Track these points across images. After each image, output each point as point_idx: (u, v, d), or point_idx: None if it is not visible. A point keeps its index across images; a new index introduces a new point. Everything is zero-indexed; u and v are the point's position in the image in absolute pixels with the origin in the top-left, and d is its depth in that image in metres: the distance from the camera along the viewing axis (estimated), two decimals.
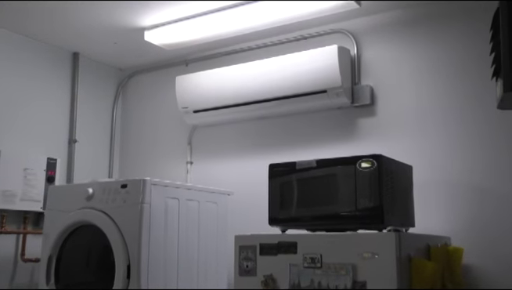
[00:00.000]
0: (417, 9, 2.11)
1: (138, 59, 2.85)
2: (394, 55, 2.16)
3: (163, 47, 2.54)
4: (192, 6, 2.16)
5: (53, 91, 2.65)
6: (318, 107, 2.24)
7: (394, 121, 2.11)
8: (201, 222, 2.10)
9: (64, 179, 2.63)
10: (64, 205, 2.03)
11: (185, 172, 2.65)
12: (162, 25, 2.34)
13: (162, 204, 1.91)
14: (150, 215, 1.84)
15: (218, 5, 2.14)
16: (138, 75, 2.98)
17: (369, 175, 1.53)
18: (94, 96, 2.87)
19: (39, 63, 2.59)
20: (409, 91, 2.10)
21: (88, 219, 1.94)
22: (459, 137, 1.95)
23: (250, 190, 2.31)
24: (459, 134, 1.95)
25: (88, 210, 1.94)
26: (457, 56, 2.01)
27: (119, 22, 2.33)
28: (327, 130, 2.27)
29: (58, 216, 2.02)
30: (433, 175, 1.97)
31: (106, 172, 2.87)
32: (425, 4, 2.09)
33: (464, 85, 1.98)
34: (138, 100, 2.96)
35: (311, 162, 1.68)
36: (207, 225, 2.12)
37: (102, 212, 1.89)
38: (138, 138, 2.91)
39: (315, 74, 2.12)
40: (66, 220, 1.99)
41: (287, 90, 2.19)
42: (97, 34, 2.49)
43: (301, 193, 1.69)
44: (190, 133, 2.69)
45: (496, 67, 1.32)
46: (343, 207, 1.58)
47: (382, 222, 1.50)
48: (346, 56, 2.18)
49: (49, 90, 2.63)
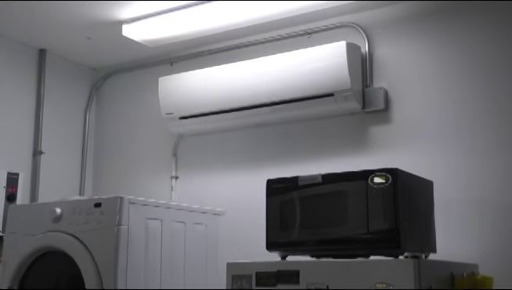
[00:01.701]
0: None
1: (115, 58, 2.87)
2: (412, 52, 2.18)
3: (144, 43, 2.57)
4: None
5: (15, 94, 2.67)
6: (323, 113, 2.26)
7: (412, 129, 2.13)
8: (188, 248, 2.10)
9: (28, 197, 2.64)
10: (27, 228, 2.03)
11: (169, 189, 2.66)
12: (143, 18, 2.37)
13: (142, 226, 1.91)
14: (128, 240, 1.84)
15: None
16: (114, 76, 3.00)
17: (383, 191, 1.55)
18: (63, 100, 2.89)
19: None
20: (430, 94, 2.12)
21: (55, 244, 1.94)
22: (489, 148, 1.96)
23: (245, 210, 2.32)
24: (489, 145, 1.97)
25: (56, 233, 1.94)
26: (487, 53, 2.02)
27: (93, 14, 2.36)
28: (334, 139, 2.29)
29: (19, 241, 2.02)
30: (457, 192, 1.98)
31: (77, 188, 2.87)
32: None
33: (495, 87, 1.99)
34: (115, 105, 2.98)
35: (316, 177, 1.69)
36: (194, 251, 2.13)
37: (72, 235, 1.89)
38: (115, 149, 2.92)
39: (321, 74, 2.15)
40: (29, 245, 1.98)
41: (288, 93, 2.21)
42: (67, 27, 2.51)
43: (305, 214, 1.70)
44: (175, 143, 2.71)
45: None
46: (352, 229, 1.59)
47: (398, 247, 1.51)
48: (356, 53, 2.21)
49: (11, 93, 2.65)
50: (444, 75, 2.10)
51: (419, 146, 2.10)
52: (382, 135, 2.19)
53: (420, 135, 2.11)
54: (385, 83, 2.21)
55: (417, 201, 1.69)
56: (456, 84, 2.07)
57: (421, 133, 2.11)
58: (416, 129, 2.12)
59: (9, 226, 2.13)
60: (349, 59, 2.11)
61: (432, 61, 2.14)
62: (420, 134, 2.11)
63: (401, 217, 1.53)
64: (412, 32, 2.19)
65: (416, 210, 1.67)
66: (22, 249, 2.00)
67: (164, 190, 2.66)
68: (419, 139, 2.10)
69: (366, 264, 1.54)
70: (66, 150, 2.87)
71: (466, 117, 2.03)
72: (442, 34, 2.12)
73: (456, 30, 2.09)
